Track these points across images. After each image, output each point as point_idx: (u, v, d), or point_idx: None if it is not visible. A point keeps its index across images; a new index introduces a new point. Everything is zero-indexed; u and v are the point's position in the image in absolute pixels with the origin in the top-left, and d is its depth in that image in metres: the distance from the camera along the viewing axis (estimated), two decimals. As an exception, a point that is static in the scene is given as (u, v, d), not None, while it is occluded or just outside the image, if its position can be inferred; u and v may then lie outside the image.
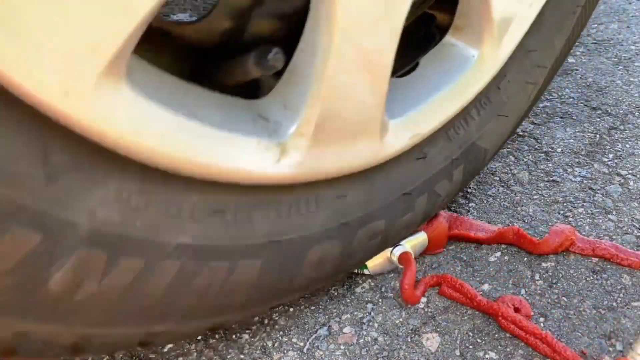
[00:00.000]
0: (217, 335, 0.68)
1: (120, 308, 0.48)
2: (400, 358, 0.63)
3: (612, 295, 0.67)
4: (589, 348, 0.62)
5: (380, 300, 0.70)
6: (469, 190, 0.87)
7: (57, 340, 0.46)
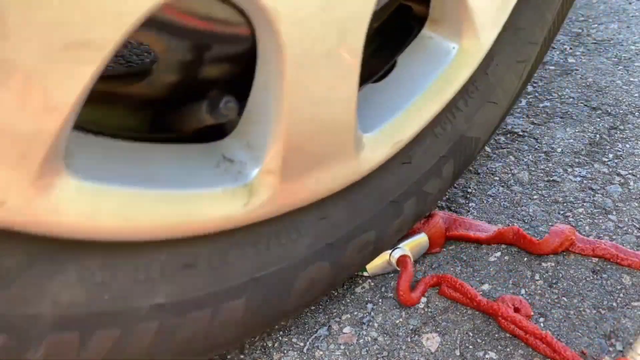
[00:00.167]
0: (217, 336, 0.68)
1: None
2: (400, 358, 0.63)
3: (612, 295, 0.67)
4: (589, 348, 0.62)
5: (380, 300, 0.70)
6: (469, 190, 0.87)
7: None
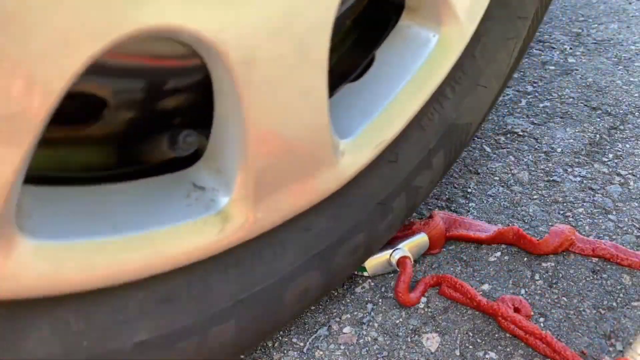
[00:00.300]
0: (217, 336, 0.68)
1: None
2: (400, 358, 0.63)
3: (612, 295, 0.67)
4: (589, 348, 0.62)
5: (380, 300, 0.70)
6: (469, 190, 0.87)
7: None
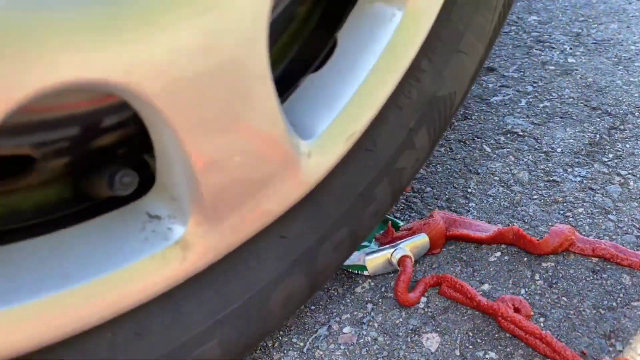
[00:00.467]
0: (217, 336, 0.68)
1: None
2: (400, 358, 0.63)
3: (612, 295, 0.67)
4: (589, 348, 0.62)
5: (380, 300, 0.70)
6: (469, 190, 0.87)
7: None
